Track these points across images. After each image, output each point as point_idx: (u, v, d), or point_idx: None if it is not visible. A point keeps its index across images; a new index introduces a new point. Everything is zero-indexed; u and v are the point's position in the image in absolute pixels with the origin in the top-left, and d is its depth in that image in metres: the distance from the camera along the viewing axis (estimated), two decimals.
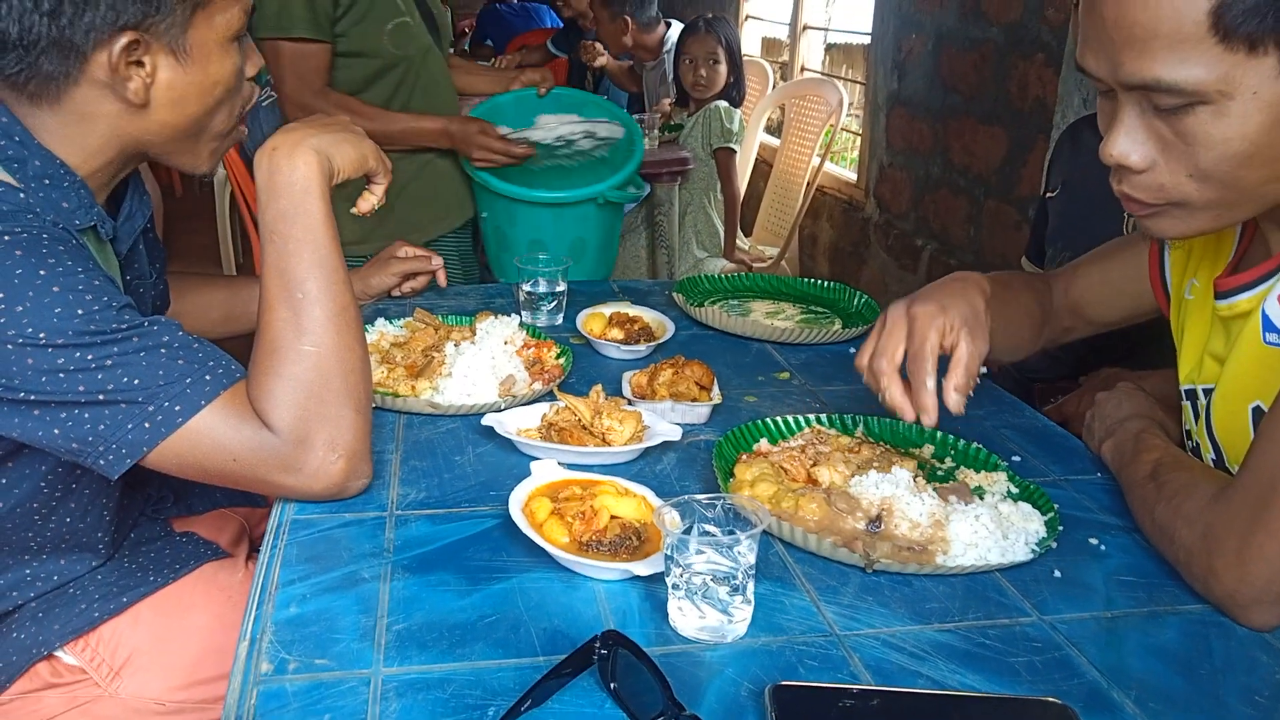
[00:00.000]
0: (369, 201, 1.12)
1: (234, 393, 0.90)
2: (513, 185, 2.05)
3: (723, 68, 3.33)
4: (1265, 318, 0.90)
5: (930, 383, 0.96)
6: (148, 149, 1.01)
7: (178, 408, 0.87)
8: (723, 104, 3.33)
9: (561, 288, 1.54)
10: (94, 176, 0.99)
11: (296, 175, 0.96)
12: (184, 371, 0.88)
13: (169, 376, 0.87)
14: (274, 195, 0.96)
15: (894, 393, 0.98)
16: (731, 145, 3.32)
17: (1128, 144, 0.83)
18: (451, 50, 2.32)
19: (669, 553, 0.79)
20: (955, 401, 0.97)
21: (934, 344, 0.97)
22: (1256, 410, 0.91)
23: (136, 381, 0.86)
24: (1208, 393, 0.99)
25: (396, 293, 1.55)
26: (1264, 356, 0.90)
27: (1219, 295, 0.97)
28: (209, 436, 0.88)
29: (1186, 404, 1.04)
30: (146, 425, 0.86)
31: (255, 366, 0.93)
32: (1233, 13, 0.73)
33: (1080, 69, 0.85)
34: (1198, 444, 1.02)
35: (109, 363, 0.85)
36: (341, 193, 1.02)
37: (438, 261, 1.47)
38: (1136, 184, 0.85)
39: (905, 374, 0.99)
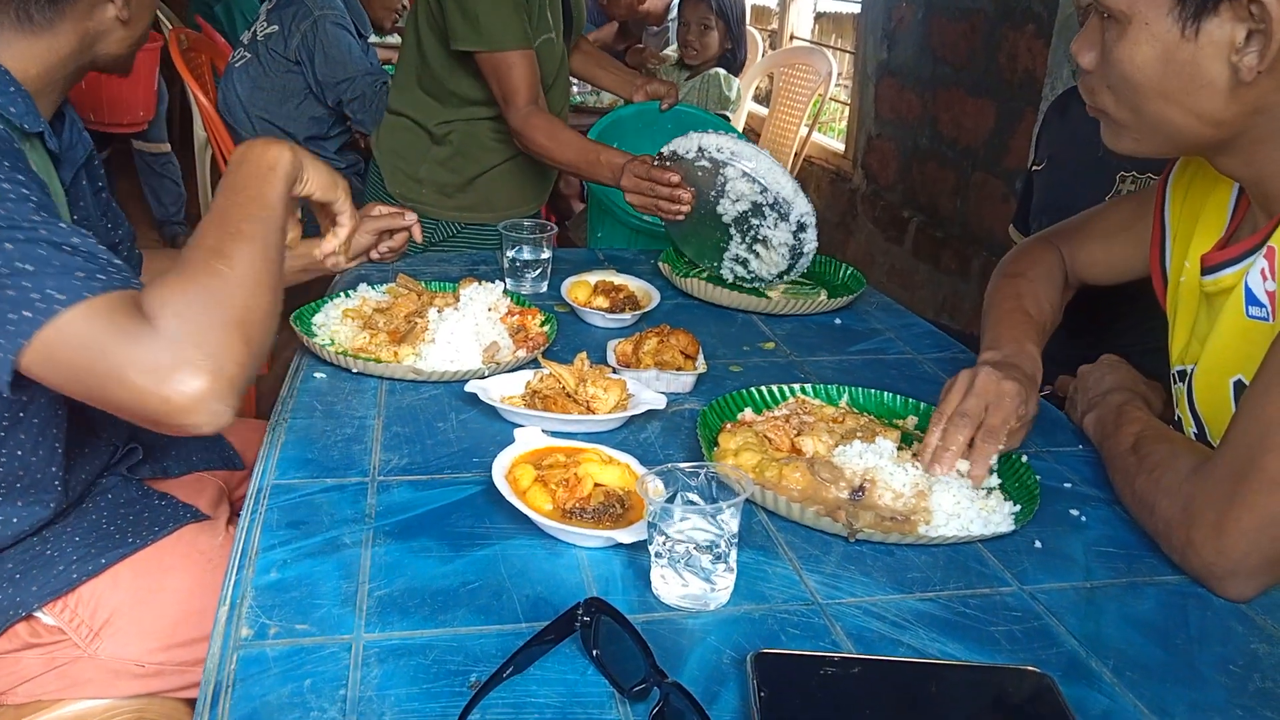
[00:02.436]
0: (330, 244, 1.13)
1: (125, 297, 0.85)
2: (628, 213, 2.01)
3: (715, 35, 3.29)
4: (1248, 290, 0.90)
5: (993, 460, 0.98)
6: (99, 64, 1.06)
7: (61, 296, 0.82)
8: (721, 71, 3.30)
9: (546, 255, 1.53)
10: (40, 96, 1.01)
11: (268, 157, 0.98)
12: (79, 267, 0.84)
13: (63, 270, 0.83)
14: (240, 163, 0.98)
15: (951, 456, 0.97)
16: (727, 113, 3.30)
17: (1083, 43, 0.92)
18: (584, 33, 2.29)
19: (652, 521, 0.79)
20: (982, 470, 0.98)
21: (1009, 425, 0.99)
22: (1238, 384, 0.92)
23: (29, 267, 0.82)
24: (1193, 373, 0.99)
25: (376, 255, 1.52)
26: (1246, 330, 0.90)
27: (1205, 271, 0.97)
28: (86, 329, 0.82)
29: (1179, 386, 1.04)
30: (27, 314, 0.81)
31: (160, 276, 0.89)
32: None
33: None
34: (1179, 419, 1.02)
35: (8, 246, 0.82)
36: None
37: (411, 217, 1.45)
38: (1083, 81, 0.94)
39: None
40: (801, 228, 1.52)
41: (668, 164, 1.60)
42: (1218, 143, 0.89)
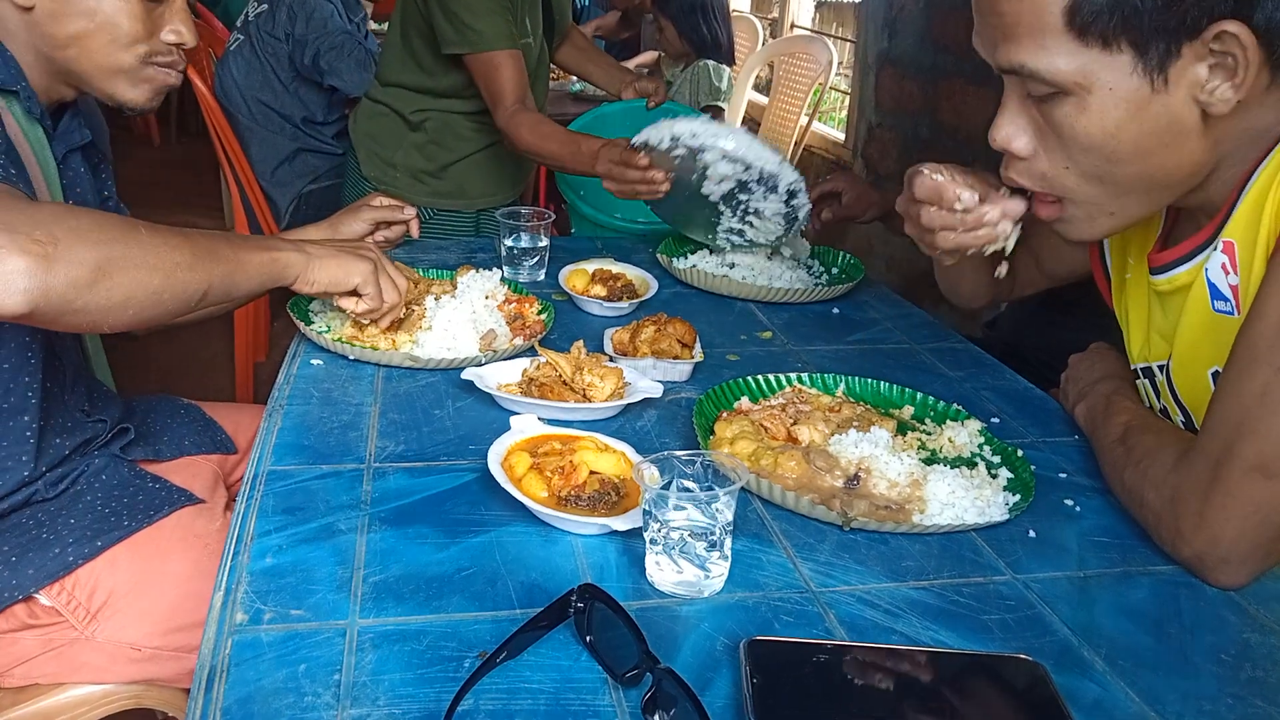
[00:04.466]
0: (356, 306, 1.13)
1: (10, 189, 0.87)
2: (597, 211, 2.03)
3: (670, 29, 3.32)
4: (1211, 286, 0.90)
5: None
6: (60, 64, 1.09)
7: None
8: (710, 62, 3.30)
9: (544, 243, 1.53)
10: (28, 70, 1.09)
11: (282, 246, 1.04)
12: None
13: None
14: (261, 242, 1.04)
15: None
16: (720, 104, 3.29)
17: (1011, 129, 0.87)
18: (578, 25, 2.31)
19: (647, 508, 0.79)
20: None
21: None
22: (1215, 375, 0.92)
23: None
24: (1163, 368, 1.00)
25: (369, 242, 1.52)
26: (1215, 324, 0.91)
27: (1154, 270, 0.97)
28: None
29: (1144, 382, 1.05)
30: None
31: None
32: (1084, 11, 0.77)
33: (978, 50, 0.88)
34: (1166, 408, 1.03)
35: None
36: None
37: (409, 211, 1.45)
38: (1021, 171, 0.89)
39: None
40: (792, 194, 1.51)
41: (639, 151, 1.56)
42: (1195, 183, 0.86)
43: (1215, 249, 0.89)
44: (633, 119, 2.14)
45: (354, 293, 1.11)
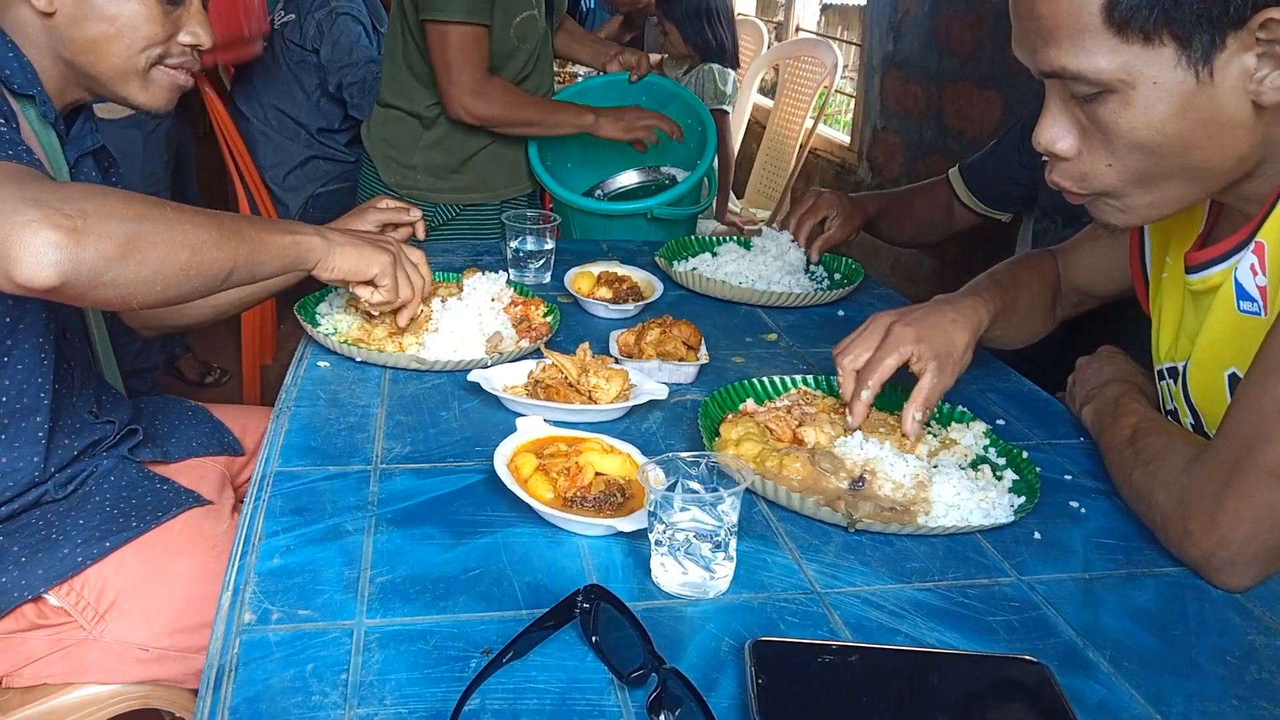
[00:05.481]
0: (371, 296, 1.13)
1: (35, 173, 0.87)
2: (567, 191, 2.05)
3: (675, 34, 3.33)
4: (1238, 285, 0.90)
5: (866, 395, 1.03)
6: (79, 69, 1.11)
7: None
8: (715, 66, 3.30)
9: (550, 246, 1.53)
10: (43, 75, 1.10)
11: (303, 230, 1.05)
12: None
13: None
14: (283, 225, 1.05)
15: (847, 389, 1.06)
16: (724, 107, 3.30)
17: (1055, 131, 0.86)
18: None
19: (653, 509, 0.80)
20: (911, 427, 1.03)
21: (889, 367, 1.03)
22: (1232, 377, 0.92)
23: None
24: (1186, 367, 1.00)
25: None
26: (1239, 324, 0.90)
27: (1189, 269, 0.97)
28: None
29: (1167, 382, 1.04)
30: None
31: None
32: (1121, 7, 0.76)
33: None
34: (1175, 409, 1.03)
35: None
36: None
37: (415, 214, 1.46)
38: (1063, 172, 0.88)
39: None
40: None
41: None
42: (1240, 175, 0.85)
43: (1248, 250, 0.89)
44: (616, 91, 2.15)
45: (371, 284, 1.12)
